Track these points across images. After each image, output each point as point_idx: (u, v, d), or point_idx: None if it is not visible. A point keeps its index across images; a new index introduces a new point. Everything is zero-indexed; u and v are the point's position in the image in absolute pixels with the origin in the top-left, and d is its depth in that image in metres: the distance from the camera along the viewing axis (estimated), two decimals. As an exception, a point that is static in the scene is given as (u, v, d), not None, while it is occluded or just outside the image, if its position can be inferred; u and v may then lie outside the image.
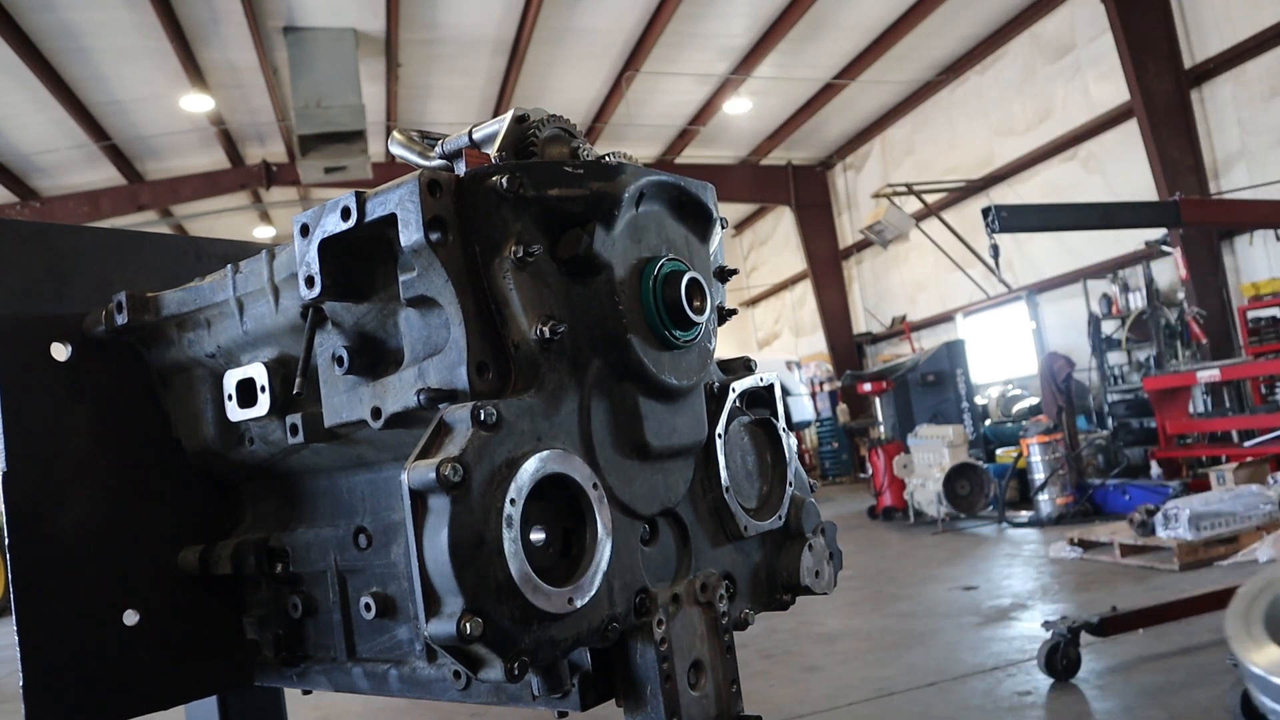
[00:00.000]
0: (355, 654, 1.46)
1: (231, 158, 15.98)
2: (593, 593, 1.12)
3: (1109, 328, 12.28)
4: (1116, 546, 7.34)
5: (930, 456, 10.62)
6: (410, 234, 1.11)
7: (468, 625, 0.99)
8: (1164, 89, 11.20)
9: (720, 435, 1.38)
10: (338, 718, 5.18)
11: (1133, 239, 11.39)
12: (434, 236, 1.11)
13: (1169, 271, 11.59)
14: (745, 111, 16.06)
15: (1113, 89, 12.07)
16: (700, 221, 1.37)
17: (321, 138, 12.67)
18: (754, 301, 23.47)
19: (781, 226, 21.21)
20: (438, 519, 1.01)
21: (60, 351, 1.56)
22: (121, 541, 1.56)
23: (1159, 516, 7.08)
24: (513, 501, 1.05)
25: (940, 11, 12.90)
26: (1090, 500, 9.82)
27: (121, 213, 15.79)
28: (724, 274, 1.45)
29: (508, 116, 1.28)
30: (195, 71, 12.63)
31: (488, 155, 1.28)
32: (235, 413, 1.48)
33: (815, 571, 1.48)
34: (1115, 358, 12.30)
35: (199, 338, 1.52)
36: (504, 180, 1.15)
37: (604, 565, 1.14)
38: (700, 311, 1.28)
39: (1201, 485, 8.73)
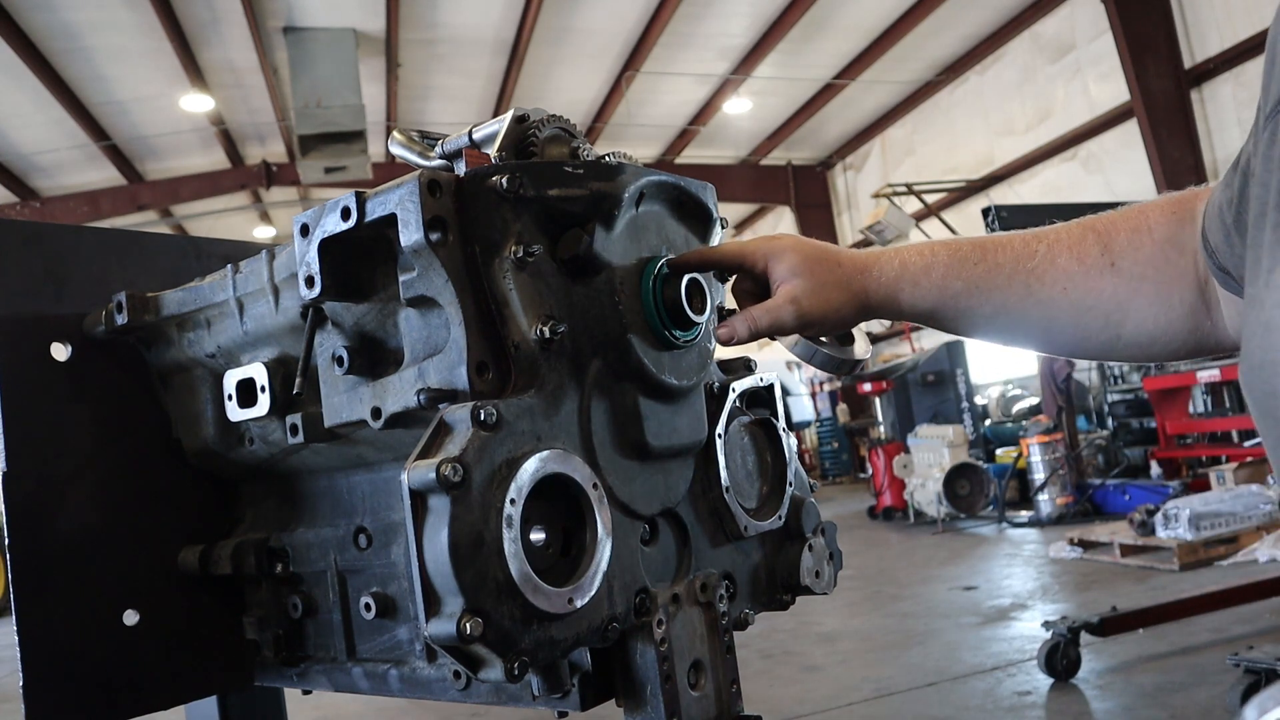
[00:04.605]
0: (355, 654, 1.46)
1: (231, 158, 15.99)
2: (593, 593, 1.12)
3: (1109, 328, 12.26)
4: (1116, 546, 7.34)
5: (930, 456, 10.62)
6: (410, 234, 1.11)
7: (468, 625, 0.99)
8: (1164, 89, 11.21)
9: (720, 435, 1.38)
10: (338, 718, 5.18)
11: (1133, 239, 11.38)
12: (434, 236, 1.11)
13: (1169, 271, 11.58)
14: (745, 111, 16.06)
15: (1113, 89, 12.07)
16: (700, 221, 1.36)
17: (321, 138, 12.68)
18: (754, 301, 23.45)
19: (781, 226, 21.19)
20: (438, 519, 1.00)
21: (60, 351, 1.56)
22: (121, 541, 1.55)
23: (1159, 516, 7.08)
24: (513, 501, 1.05)
25: (940, 11, 12.90)
26: (1090, 500, 9.82)
27: (121, 213, 15.78)
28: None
29: (508, 116, 1.28)
30: (195, 71, 12.63)
31: (488, 155, 1.28)
32: (235, 413, 1.47)
33: (815, 571, 1.47)
34: (1115, 358, 12.29)
35: (199, 338, 1.52)
36: (504, 180, 1.14)
37: (604, 565, 1.14)
38: (700, 311, 1.27)
39: (1201, 485, 8.73)
